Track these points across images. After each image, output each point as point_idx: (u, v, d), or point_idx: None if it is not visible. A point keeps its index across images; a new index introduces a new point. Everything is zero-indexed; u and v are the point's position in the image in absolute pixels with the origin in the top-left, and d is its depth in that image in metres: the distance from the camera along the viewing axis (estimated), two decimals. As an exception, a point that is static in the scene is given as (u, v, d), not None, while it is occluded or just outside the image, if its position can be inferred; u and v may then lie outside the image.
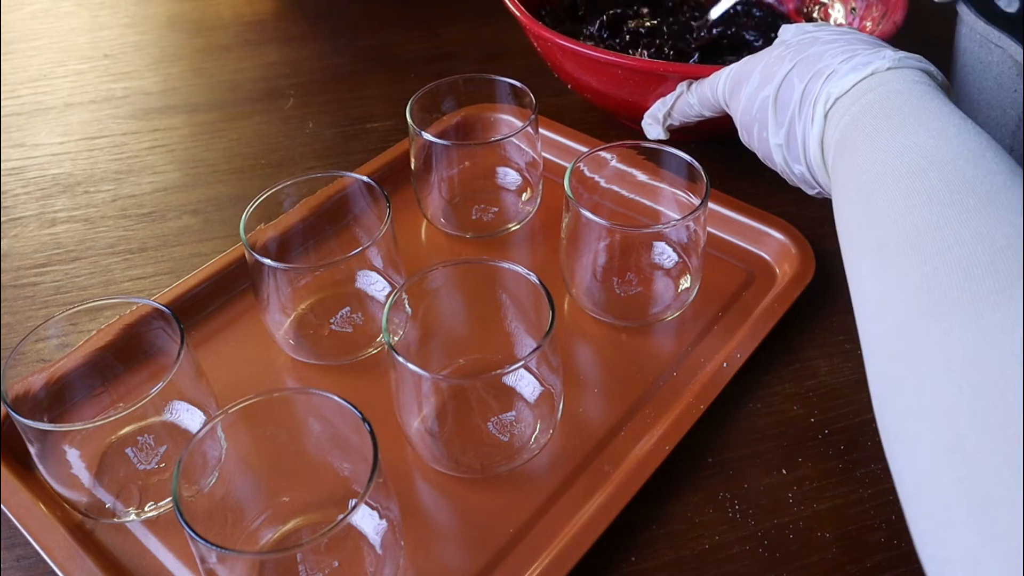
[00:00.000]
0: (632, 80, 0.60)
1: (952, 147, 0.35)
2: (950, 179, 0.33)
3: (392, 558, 0.39)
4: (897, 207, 0.34)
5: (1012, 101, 0.62)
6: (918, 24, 0.86)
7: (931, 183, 0.33)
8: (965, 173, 0.33)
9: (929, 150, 0.35)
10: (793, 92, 0.45)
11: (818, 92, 0.44)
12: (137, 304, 0.46)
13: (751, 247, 0.58)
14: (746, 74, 0.50)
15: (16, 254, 0.61)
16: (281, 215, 0.53)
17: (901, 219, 0.33)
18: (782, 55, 0.47)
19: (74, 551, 0.41)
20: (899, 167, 0.35)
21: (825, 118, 0.43)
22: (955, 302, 0.28)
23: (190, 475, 0.37)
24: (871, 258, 0.34)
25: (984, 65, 0.63)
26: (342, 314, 0.51)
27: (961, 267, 0.29)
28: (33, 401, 0.44)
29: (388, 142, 0.69)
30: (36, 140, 0.73)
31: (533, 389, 0.46)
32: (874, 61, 0.42)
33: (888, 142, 0.37)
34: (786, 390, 0.50)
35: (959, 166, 0.34)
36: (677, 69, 0.59)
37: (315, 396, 0.38)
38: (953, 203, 0.32)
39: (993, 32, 0.60)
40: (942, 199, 0.32)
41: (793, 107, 0.45)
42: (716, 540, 0.43)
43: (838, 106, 0.42)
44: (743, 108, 0.50)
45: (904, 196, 0.34)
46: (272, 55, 0.84)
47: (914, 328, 0.29)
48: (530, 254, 0.59)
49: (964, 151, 0.35)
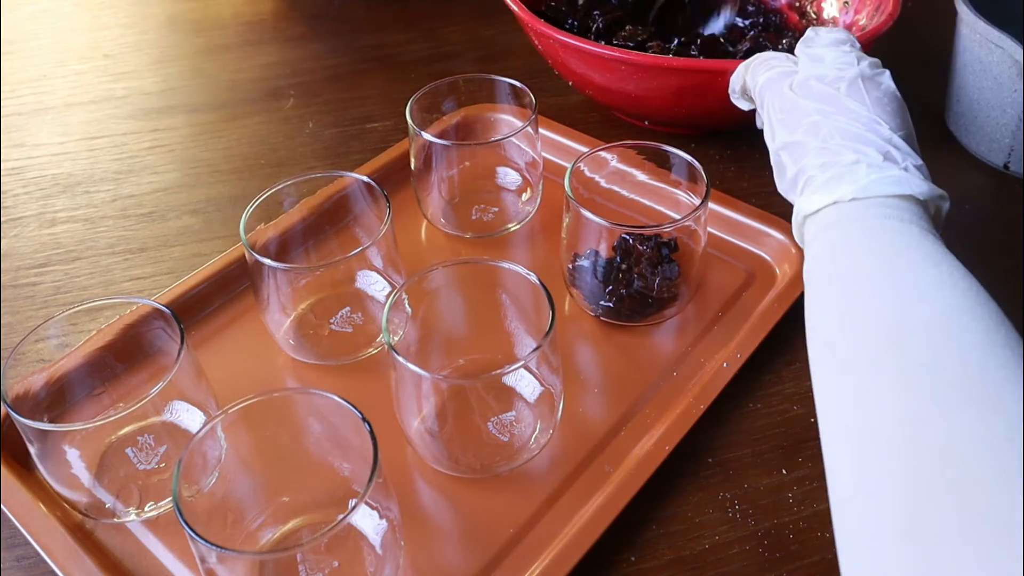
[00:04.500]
0: (635, 76, 0.61)
1: (923, 310, 0.33)
2: (920, 359, 0.31)
3: (392, 558, 0.39)
4: (868, 396, 0.32)
5: (1012, 101, 0.62)
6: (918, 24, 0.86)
7: (900, 363, 0.31)
8: (936, 349, 0.31)
9: (897, 318, 0.33)
10: (785, 169, 0.45)
11: (797, 197, 0.43)
12: (137, 304, 0.46)
13: (751, 247, 0.58)
14: (767, 86, 0.49)
15: (16, 254, 0.61)
16: (281, 215, 0.53)
17: (873, 411, 0.31)
18: (783, 106, 0.46)
19: (74, 551, 0.41)
20: (866, 339, 0.33)
21: (804, 221, 0.43)
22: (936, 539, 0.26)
23: (190, 475, 0.37)
24: (846, 444, 0.32)
25: (984, 65, 0.63)
26: (342, 314, 0.51)
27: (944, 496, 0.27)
28: (33, 401, 0.44)
29: (388, 142, 0.69)
30: (36, 140, 0.73)
31: (533, 389, 0.46)
32: (842, 182, 0.40)
33: (854, 304, 0.35)
34: (786, 390, 0.50)
35: (932, 338, 0.31)
36: (679, 64, 0.59)
37: (315, 396, 0.38)
38: (925, 397, 0.30)
39: (993, 32, 0.60)
40: (911, 388, 0.30)
41: (788, 178, 0.45)
42: (716, 540, 0.43)
43: (809, 224, 0.42)
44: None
45: (872, 382, 0.32)
46: (272, 55, 0.84)
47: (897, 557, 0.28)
48: (530, 254, 0.59)
49: (936, 315, 0.32)
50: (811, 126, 0.44)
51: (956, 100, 0.68)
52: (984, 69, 0.63)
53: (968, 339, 0.31)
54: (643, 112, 0.68)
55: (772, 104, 0.48)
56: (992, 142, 0.65)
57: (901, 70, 0.79)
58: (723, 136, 0.70)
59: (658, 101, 0.64)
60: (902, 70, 0.79)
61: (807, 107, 0.45)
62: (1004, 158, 0.65)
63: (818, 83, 0.45)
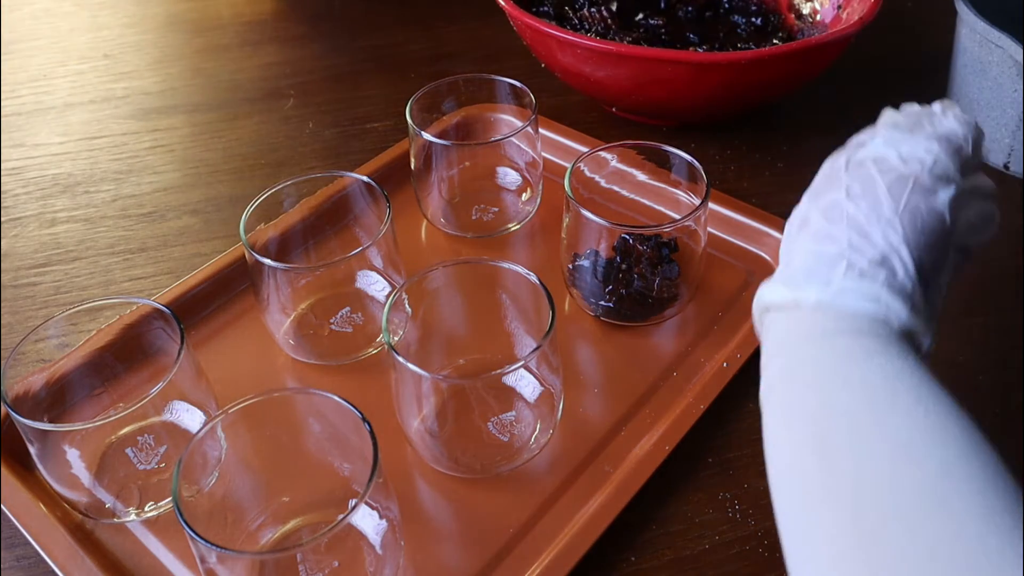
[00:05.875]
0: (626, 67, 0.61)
1: (910, 475, 0.28)
2: (908, 538, 0.26)
3: (392, 558, 0.39)
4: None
5: (1012, 101, 0.62)
6: (918, 24, 0.86)
7: (880, 542, 0.27)
8: (927, 524, 0.26)
9: (875, 485, 0.28)
10: (791, 242, 0.40)
11: (769, 279, 0.38)
12: (137, 304, 0.46)
13: (751, 247, 0.58)
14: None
15: (16, 254, 0.61)
16: (281, 215, 0.53)
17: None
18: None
19: (74, 551, 0.41)
20: (837, 507, 0.29)
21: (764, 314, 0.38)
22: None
23: (190, 475, 0.37)
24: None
25: (984, 65, 0.63)
26: (342, 314, 0.51)
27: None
28: (33, 401, 0.44)
29: (388, 142, 0.69)
30: (36, 140, 0.73)
31: (533, 389, 0.46)
32: (812, 279, 0.35)
33: (820, 463, 0.30)
34: (786, 390, 0.50)
35: (920, 509, 0.27)
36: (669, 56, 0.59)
37: (315, 396, 0.38)
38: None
39: (993, 32, 0.60)
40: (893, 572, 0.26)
41: (782, 250, 0.40)
42: (716, 540, 0.43)
43: (769, 322, 0.37)
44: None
45: (845, 561, 0.27)
46: (272, 55, 0.84)
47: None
48: (530, 254, 0.59)
49: (926, 481, 0.27)
50: (831, 203, 0.37)
51: (956, 100, 0.68)
52: (984, 69, 0.63)
53: (963, 507, 0.26)
54: (639, 108, 0.69)
55: (824, 167, 0.41)
56: (992, 142, 0.65)
57: (901, 70, 0.79)
58: (723, 136, 0.70)
59: (618, 86, 0.65)
60: (902, 70, 0.79)
61: (842, 181, 0.38)
62: (1004, 158, 0.65)
63: (873, 165, 0.38)
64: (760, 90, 0.65)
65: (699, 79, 0.61)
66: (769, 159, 0.68)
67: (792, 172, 0.66)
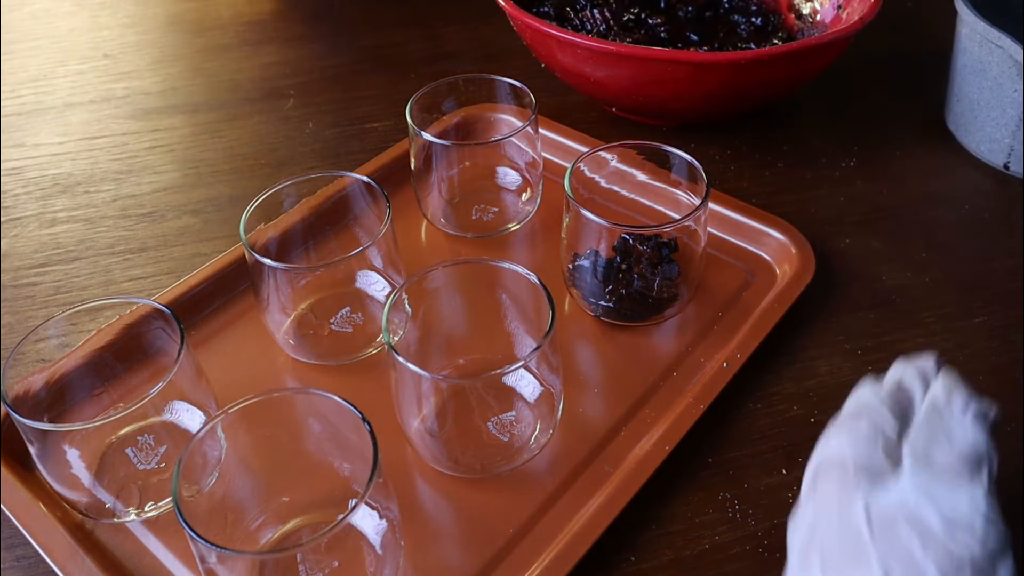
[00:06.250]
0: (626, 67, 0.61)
1: None
2: None
3: (392, 558, 0.39)
4: None
5: (1012, 101, 0.62)
6: (918, 24, 0.86)
7: None
8: None
9: None
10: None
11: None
12: (137, 304, 0.46)
13: (751, 247, 0.58)
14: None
15: (16, 254, 0.61)
16: (281, 215, 0.53)
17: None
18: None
19: (74, 551, 0.41)
20: None
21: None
22: None
23: (190, 475, 0.37)
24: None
25: (984, 65, 0.63)
26: (342, 314, 0.51)
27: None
28: (33, 401, 0.44)
29: (388, 142, 0.69)
30: (36, 140, 0.73)
31: (533, 389, 0.46)
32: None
33: None
34: (786, 390, 0.50)
35: None
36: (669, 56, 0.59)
37: (315, 396, 0.38)
38: None
39: (993, 32, 0.60)
40: None
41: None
42: (716, 540, 0.43)
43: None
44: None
45: None
46: (272, 55, 0.84)
47: None
48: (530, 254, 0.59)
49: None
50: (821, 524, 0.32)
51: (956, 100, 0.68)
52: (984, 69, 0.63)
53: None
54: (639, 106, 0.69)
55: (827, 493, 0.34)
56: (992, 142, 0.65)
57: (901, 70, 0.79)
58: (723, 136, 0.70)
59: (618, 86, 0.65)
60: (902, 70, 0.79)
61: (870, 553, 0.31)
62: (1004, 158, 0.65)
63: (909, 530, 0.31)
64: (760, 90, 0.65)
65: (699, 79, 0.61)
66: (769, 159, 0.68)
67: (792, 172, 0.66)
